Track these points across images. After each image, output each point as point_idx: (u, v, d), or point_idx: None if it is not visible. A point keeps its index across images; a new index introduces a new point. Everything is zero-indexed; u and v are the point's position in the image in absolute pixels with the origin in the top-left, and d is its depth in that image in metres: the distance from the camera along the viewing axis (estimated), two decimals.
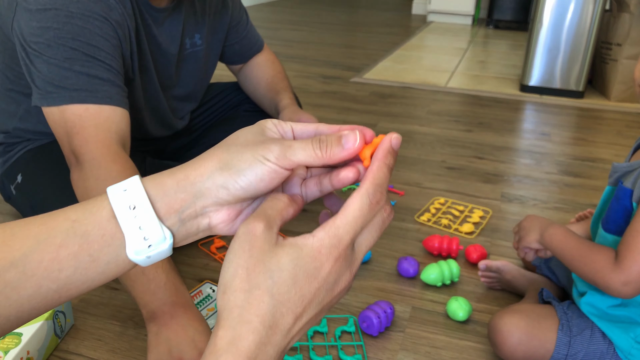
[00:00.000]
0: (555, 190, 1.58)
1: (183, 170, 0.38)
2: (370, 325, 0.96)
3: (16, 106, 1.11)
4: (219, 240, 1.23)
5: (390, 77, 2.84)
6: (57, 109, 0.90)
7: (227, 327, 0.34)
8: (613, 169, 0.86)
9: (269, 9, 5.32)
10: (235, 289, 0.35)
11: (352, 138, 0.38)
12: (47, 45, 0.88)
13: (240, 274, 0.35)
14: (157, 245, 0.37)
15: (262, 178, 0.37)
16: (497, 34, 4.40)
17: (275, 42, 3.60)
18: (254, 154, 0.37)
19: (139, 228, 0.37)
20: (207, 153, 0.39)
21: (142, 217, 0.37)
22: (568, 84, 2.58)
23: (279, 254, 0.35)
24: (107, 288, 1.07)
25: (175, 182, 0.38)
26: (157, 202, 0.38)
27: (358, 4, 6.15)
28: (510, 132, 2.10)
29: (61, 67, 0.89)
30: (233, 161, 0.37)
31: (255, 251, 0.35)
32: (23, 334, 0.84)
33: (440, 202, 1.47)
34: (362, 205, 0.37)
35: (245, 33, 1.36)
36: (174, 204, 0.38)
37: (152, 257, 0.38)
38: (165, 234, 0.38)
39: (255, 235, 0.36)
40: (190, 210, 0.38)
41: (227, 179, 0.37)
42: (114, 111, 0.92)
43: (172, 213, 0.38)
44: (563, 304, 0.90)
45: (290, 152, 0.37)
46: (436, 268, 1.09)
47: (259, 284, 0.35)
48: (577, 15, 2.47)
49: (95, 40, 0.91)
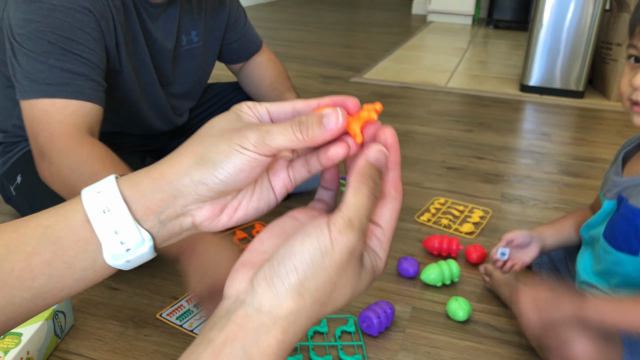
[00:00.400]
0: (555, 190, 1.58)
1: (158, 169, 0.36)
2: (370, 325, 0.96)
3: (13, 104, 1.11)
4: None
5: (390, 77, 2.84)
6: (27, 103, 0.90)
7: (289, 334, 0.32)
8: (612, 183, 0.85)
9: (268, 9, 5.32)
10: (315, 301, 0.33)
11: (334, 117, 0.35)
12: (28, 37, 0.90)
13: (327, 287, 0.33)
14: (135, 249, 0.36)
15: (241, 169, 0.35)
16: (497, 33, 4.40)
17: (275, 42, 3.60)
18: (230, 143, 0.35)
19: (114, 232, 0.35)
20: (182, 147, 0.37)
21: (117, 220, 0.35)
22: (568, 84, 2.58)
23: (363, 279, 0.35)
24: (107, 288, 1.08)
25: (151, 182, 0.36)
26: (133, 203, 0.35)
27: (358, 4, 6.15)
28: (511, 132, 2.10)
29: (37, 61, 0.89)
30: (209, 154, 0.35)
31: (349, 271, 0.34)
32: (23, 334, 0.84)
33: (440, 202, 1.47)
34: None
35: (243, 32, 1.36)
36: (152, 205, 0.36)
37: (132, 261, 0.37)
38: (144, 237, 0.36)
39: (355, 257, 0.34)
40: (169, 210, 0.36)
41: (205, 174, 0.35)
42: (82, 105, 0.91)
43: (150, 215, 0.36)
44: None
45: (268, 137, 0.35)
46: (436, 268, 1.09)
47: (337, 301, 0.34)
48: (577, 15, 2.47)
49: (74, 33, 0.91)
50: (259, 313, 0.32)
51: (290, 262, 0.32)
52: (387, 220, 0.37)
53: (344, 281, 0.34)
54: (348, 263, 0.33)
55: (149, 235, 0.36)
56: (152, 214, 0.36)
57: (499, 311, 1.05)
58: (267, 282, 0.32)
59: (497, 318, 1.03)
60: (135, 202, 0.35)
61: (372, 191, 0.35)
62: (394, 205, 0.37)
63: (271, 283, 0.32)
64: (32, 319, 0.87)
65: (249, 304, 0.32)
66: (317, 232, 0.33)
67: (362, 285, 0.35)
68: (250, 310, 0.32)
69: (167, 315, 1.00)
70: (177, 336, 0.96)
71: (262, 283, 0.32)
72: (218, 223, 0.38)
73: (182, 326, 0.98)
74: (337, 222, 0.33)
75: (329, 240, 0.32)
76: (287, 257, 0.33)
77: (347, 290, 0.34)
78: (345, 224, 0.33)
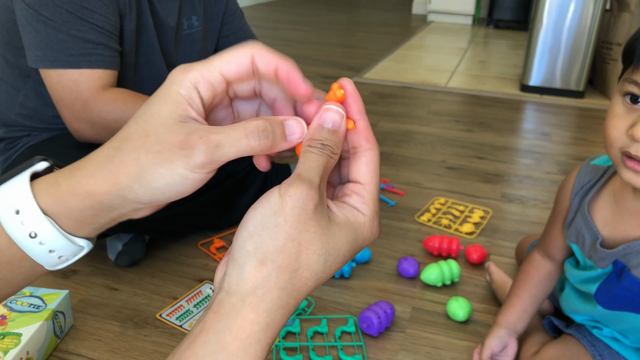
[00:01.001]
0: (555, 191, 1.57)
1: (83, 185, 0.32)
2: (370, 326, 0.95)
3: (16, 92, 1.11)
4: (219, 241, 1.23)
5: (390, 77, 2.83)
6: (54, 72, 0.97)
7: (261, 311, 0.30)
8: (601, 253, 0.74)
9: (268, 9, 5.32)
10: (280, 266, 0.30)
11: (298, 130, 0.34)
12: (44, 4, 0.92)
13: (289, 248, 0.30)
14: (76, 255, 0.35)
15: (182, 192, 0.32)
16: (498, 33, 4.40)
17: (275, 42, 3.60)
18: (172, 166, 0.31)
19: (49, 252, 0.33)
20: (109, 161, 0.32)
21: (49, 241, 0.33)
22: (568, 84, 2.58)
23: (336, 235, 0.32)
24: (107, 288, 1.07)
25: (78, 200, 0.32)
26: (60, 219, 0.33)
27: (358, 3, 6.15)
28: (511, 132, 2.10)
29: (59, 31, 0.94)
30: (145, 178, 0.31)
31: (311, 226, 0.31)
32: (22, 334, 0.84)
33: (440, 202, 1.47)
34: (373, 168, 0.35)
35: (240, 26, 1.38)
36: (83, 220, 0.33)
37: (74, 260, 0.36)
38: (82, 244, 0.34)
39: (311, 208, 0.31)
40: (103, 220, 0.34)
41: (140, 196, 0.32)
42: (104, 72, 0.99)
43: (84, 227, 0.34)
44: (581, 331, 0.85)
45: (218, 153, 0.31)
46: (436, 268, 1.09)
47: (310, 265, 0.31)
48: (577, 15, 2.47)
49: (88, 2, 0.95)
50: (229, 295, 0.31)
51: (245, 230, 0.31)
52: (365, 174, 0.35)
53: (308, 237, 0.31)
54: (307, 217, 0.31)
55: (86, 241, 0.35)
56: (85, 227, 0.34)
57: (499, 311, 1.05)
58: (233, 261, 0.31)
59: None
60: (63, 217, 0.33)
61: (321, 150, 0.33)
62: (369, 157, 0.36)
63: (233, 259, 0.31)
64: (32, 319, 0.87)
65: (222, 288, 0.31)
66: (267, 195, 0.31)
67: (338, 243, 0.32)
68: (222, 294, 0.31)
69: (167, 316, 1.00)
70: (176, 336, 0.95)
71: (230, 264, 0.31)
72: (158, 209, 0.37)
73: (181, 326, 0.98)
74: (287, 180, 0.32)
75: (277, 197, 0.31)
76: (242, 226, 0.31)
77: (318, 249, 0.31)
78: (292, 179, 0.31)
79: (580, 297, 0.83)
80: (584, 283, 0.80)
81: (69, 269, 1.13)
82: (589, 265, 0.79)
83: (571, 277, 0.84)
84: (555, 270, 0.88)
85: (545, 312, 1.00)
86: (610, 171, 0.78)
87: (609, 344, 0.81)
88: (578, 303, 0.83)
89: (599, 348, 0.81)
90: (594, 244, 0.76)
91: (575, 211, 0.80)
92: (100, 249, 1.18)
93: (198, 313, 1.01)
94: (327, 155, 0.33)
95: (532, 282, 0.88)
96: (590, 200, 0.78)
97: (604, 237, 0.76)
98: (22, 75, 1.08)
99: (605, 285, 0.76)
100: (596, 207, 0.78)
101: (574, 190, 0.81)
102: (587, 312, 0.81)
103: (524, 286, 0.88)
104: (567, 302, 0.86)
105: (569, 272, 0.84)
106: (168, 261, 1.17)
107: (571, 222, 0.81)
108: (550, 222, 0.88)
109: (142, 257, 1.16)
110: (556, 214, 0.86)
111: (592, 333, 0.83)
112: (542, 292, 0.88)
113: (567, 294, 0.87)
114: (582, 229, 0.78)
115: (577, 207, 0.80)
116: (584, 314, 0.83)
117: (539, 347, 0.89)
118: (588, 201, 0.78)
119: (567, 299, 0.86)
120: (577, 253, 0.81)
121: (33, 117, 1.13)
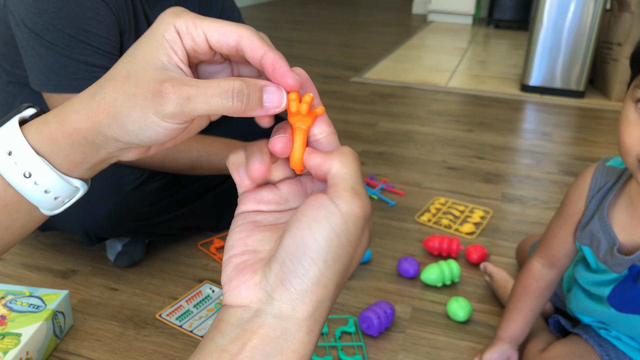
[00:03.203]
0: (555, 191, 1.58)
1: (70, 122, 0.33)
2: (371, 326, 0.95)
3: (13, 99, 1.11)
4: (219, 241, 1.23)
5: (390, 77, 2.83)
6: (59, 96, 0.96)
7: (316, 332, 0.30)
8: (618, 259, 0.73)
9: (269, 9, 5.31)
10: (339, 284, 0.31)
11: (277, 99, 0.32)
12: (46, 28, 0.92)
13: (348, 265, 0.31)
14: (71, 196, 0.36)
15: (155, 139, 0.32)
16: (498, 33, 4.40)
17: (275, 42, 3.56)
18: (144, 111, 0.31)
19: (44, 192, 0.34)
20: (92, 98, 0.33)
21: (43, 181, 0.34)
22: (569, 84, 2.58)
23: (362, 242, 0.33)
24: (107, 288, 1.07)
25: (66, 137, 0.33)
26: (53, 158, 0.34)
27: (358, 3, 6.14)
28: (511, 132, 2.10)
29: (62, 55, 0.93)
30: (121, 118, 0.32)
31: (363, 240, 0.32)
32: (22, 334, 0.84)
33: (440, 202, 1.47)
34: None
35: None
36: (74, 158, 0.34)
37: (71, 203, 0.36)
38: (76, 185, 0.35)
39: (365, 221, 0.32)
40: (94, 159, 0.35)
41: (117, 135, 0.32)
42: None
43: (77, 166, 0.35)
44: (588, 331, 0.84)
45: (189, 106, 0.30)
46: (436, 268, 1.09)
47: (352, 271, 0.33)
48: (577, 15, 2.47)
49: (89, 24, 0.94)
50: (280, 319, 0.29)
51: (306, 256, 0.29)
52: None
53: (360, 251, 0.32)
54: (362, 231, 0.31)
55: (80, 182, 0.35)
56: (77, 165, 0.35)
57: (500, 311, 1.05)
58: (284, 285, 0.30)
59: (498, 318, 1.02)
60: (56, 156, 0.34)
61: (355, 154, 0.34)
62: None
63: (289, 285, 0.29)
64: (31, 319, 0.87)
65: (268, 312, 0.30)
66: (324, 214, 0.30)
67: (368, 243, 0.34)
68: (269, 318, 0.30)
69: (167, 316, 1.00)
70: (176, 337, 0.95)
71: (279, 288, 0.30)
72: (147, 154, 0.37)
73: (181, 326, 0.97)
74: (341, 195, 0.31)
75: (340, 217, 0.30)
76: (300, 251, 0.29)
77: (360, 255, 0.33)
78: (350, 193, 0.31)
79: (591, 299, 0.82)
80: (596, 286, 0.79)
81: (68, 269, 1.13)
82: (602, 269, 0.77)
83: (582, 279, 0.82)
84: (556, 279, 0.85)
85: (546, 313, 1.00)
86: (627, 174, 0.76)
87: (616, 344, 0.81)
88: (588, 304, 0.82)
89: (606, 348, 0.81)
90: (610, 250, 0.74)
91: (592, 214, 0.78)
92: (100, 249, 1.18)
93: (198, 313, 1.01)
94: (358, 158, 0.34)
95: (533, 294, 0.86)
96: (609, 203, 0.76)
97: (621, 242, 0.74)
98: (19, 84, 1.08)
99: (620, 288, 0.75)
100: (614, 211, 0.76)
101: (590, 193, 0.78)
102: (598, 314, 0.81)
103: (525, 300, 0.86)
104: (576, 302, 0.85)
105: (580, 275, 0.83)
106: (168, 261, 1.17)
107: (586, 224, 0.79)
108: (556, 225, 0.84)
109: (141, 258, 1.15)
110: (566, 216, 0.82)
111: (600, 334, 0.83)
112: (543, 302, 0.87)
113: (576, 294, 0.85)
114: (597, 233, 0.76)
115: (595, 210, 0.77)
116: (594, 315, 0.82)
117: (545, 345, 0.88)
118: (607, 205, 0.76)
119: (576, 299, 0.85)
120: (588, 256, 0.80)
121: None
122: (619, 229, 0.75)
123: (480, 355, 0.89)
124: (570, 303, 0.87)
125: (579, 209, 0.80)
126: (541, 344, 0.89)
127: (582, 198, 0.80)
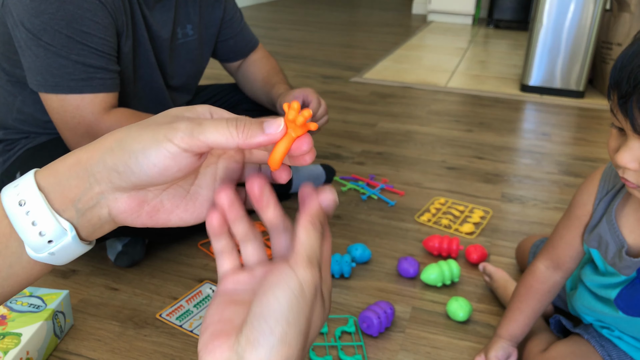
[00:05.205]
0: (555, 191, 1.58)
1: (76, 154, 0.35)
2: (370, 326, 0.95)
3: (13, 98, 1.11)
4: None
5: (390, 77, 2.83)
6: (56, 97, 0.96)
7: None
8: (626, 261, 0.73)
9: (268, 9, 5.32)
10: (303, 348, 0.34)
11: (275, 125, 0.34)
12: (44, 29, 0.92)
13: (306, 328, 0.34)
14: (57, 239, 0.35)
15: (154, 163, 0.33)
16: (498, 33, 4.40)
17: (275, 42, 3.60)
18: (155, 133, 0.33)
19: (32, 224, 0.34)
20: (110, 132, 0.35)
21: (34, 211, 0.34)
22: (568, 84, 2.58)
23: (325, 310, 0.36)
24: (107, 288, 1.07)
25: (67, 169, 0.34)
26: (50, 193, 0.34)
27: (358, 3, 6.15)
28: (511, 132, 2.10)
29: (59, 56, 0.93)
30: (127, 141, 0.33)
31: (317, 305, 0.35)
32: (22, 334, 0.84)
33: (440, 202, 1.47)
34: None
35: (239, 29, 1.37)
36: (69, 193, 0.34)
37: (56, 254, 0.35)
38: (64, 226, 0.35)
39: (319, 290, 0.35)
40: (86, 197, 0.35)
41: (117, 161, 0.33)
42: (106, 95, 1.00)
43: (68, 203, 0.35)
44: (589, 331, 0.84)
45: (198, 130, 0.32)
46: (436, 268, 1.09)
47: (310, 337, 0.35)
48: (577, 15, 2.47)
49: (87, 25, 0.94)
50: None
51: (271, 316, 0.32)
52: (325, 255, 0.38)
53: (315, 318, 0.35)
54: (315, 298, 0.34)
55: (69, 224, 0.35)
56: (69, 203, 0.35)
57: (500, 311, 1.05)
58: (252, 344, 0.32)
59: (498, 318, 1.03)
60: (52, 191, 0.34)
61: (321, 232, 0.36)
62: (329, 244, 0.39)
63: (257, 344, 0.32)
64: (32, 319, 0.87)
65: None
66: (285, 279, 0.33)
67: (325, 316, 0.37)
68: None
69: (167, 316, 1.00)
70: (176, 336, 0.95)
71: (248, 348, 0.32)
72: (137, 219, 0.37)
73: (181, 326, 0.98)
74: (299, 262, 0.34)
75: (297, 282, 0.33)
76: (265, 312, 0.32)
77: (317, 324, 0.36)
78: (306, 263, 0.34)
79: (597, 299, 0.82)
80: (604, 288, 0.79)
81: (68, 269, 1.13)
82: (610, 272, 0.77)
83: (589, 281, 0.82)
84: (560, 282, 0.85)
85: (546, 313, 1.00)
86: None
87: (618, 343, 0.81)
88: (594, 303, 0.82)
89: (607, 348, 0.81)
90: (619, 252, 0.74)
91: (600, 217, 0.77)
92: (100, 249, 1.18)
93: (198, 313, 1.01)
94: (323, 237, 0.36)
95: (536, 296, 0.85)
96: (617, 206, 0.76)
97: (629, 244, 0.74)
98: (19, 83, 1.08)
99: (628, 290, 0.75)
100: (622, 213, 0.76)
101: (598, 195, 0.78)
102: (604, 314, 0.80)
103: (527, 301, 0.86)
104: (581, 301, 0.85)
105: (587, 277, 0.82)
106: (168, 261, 1.17)
107: (594, 227, 0.78)
108: (564, 227, 0.83)
109: (141, 258, 1.16)
110: (574, 218, 0.82)
111: (601, 333, 0.83)
112: (545, 304, 0.87)
113: (582, 294, 0.85)
114: (605, 235, 0.76)
115: (603, 213, 0.77)
116: (600, 314, 0.82)
117: (546, 345, 0.88)
118: (615, 207, 0.75)
119: (581, 298, 0.85)
120: (596, 259, 0.79)
121: (30, 122, 1.14)
122: (627, 232, 0.74)
123: (483, 354, 0.89)
124: (575, 301, 0.87)
125: (587, 211, 0.80)
126: (542, 344, 0.89)
127: (590, 200, 0.79)
